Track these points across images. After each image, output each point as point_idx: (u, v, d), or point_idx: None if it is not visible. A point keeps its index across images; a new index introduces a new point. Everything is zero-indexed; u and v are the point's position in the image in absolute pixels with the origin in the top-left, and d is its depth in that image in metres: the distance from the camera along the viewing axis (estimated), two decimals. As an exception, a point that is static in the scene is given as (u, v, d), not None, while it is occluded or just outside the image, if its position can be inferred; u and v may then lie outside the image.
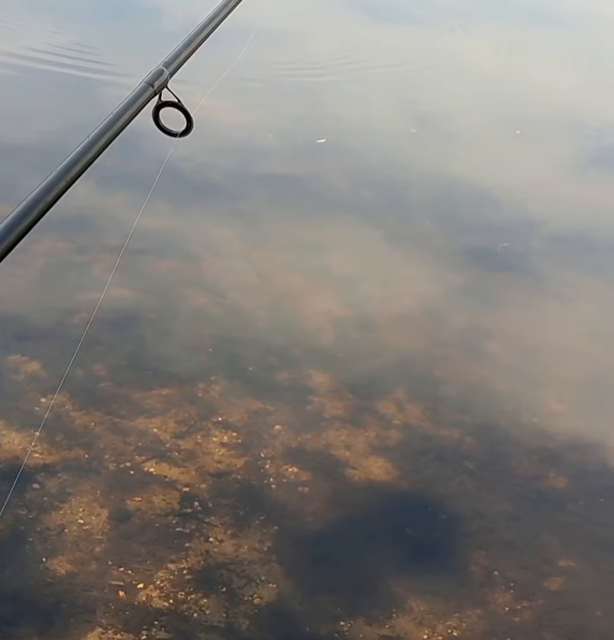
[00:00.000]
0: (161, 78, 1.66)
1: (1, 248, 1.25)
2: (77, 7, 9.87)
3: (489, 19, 10.87)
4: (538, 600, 3.32)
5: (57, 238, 5.28)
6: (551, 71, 9.34)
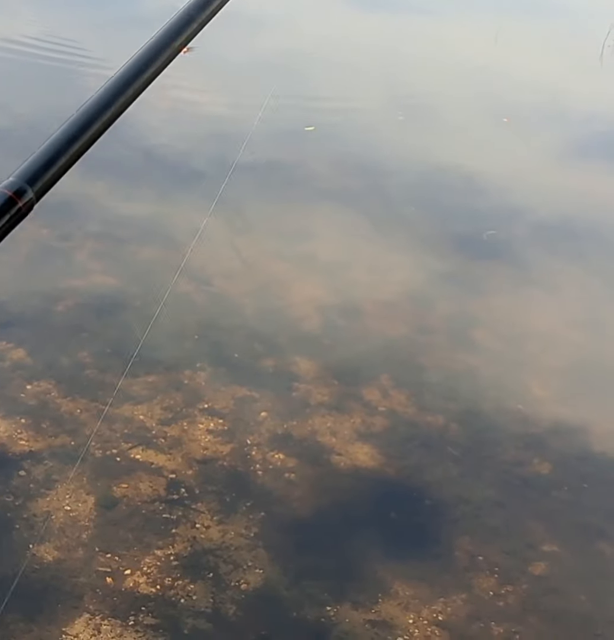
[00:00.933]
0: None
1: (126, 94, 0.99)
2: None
3: (473, 5, 10.86)
4: (522, 585, 3.36)
5: (41, 224, 5.26)
6: (537, 59, 9.36)
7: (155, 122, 6.78)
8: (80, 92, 7.11)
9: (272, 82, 7.60)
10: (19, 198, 0.88)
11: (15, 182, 0.88)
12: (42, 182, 0.89)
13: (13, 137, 6.23)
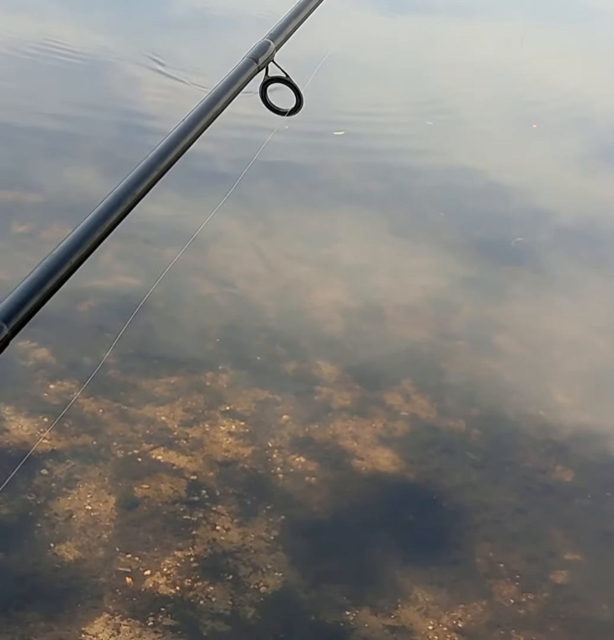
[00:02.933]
0: (266, 52, 1.51)
1: (93, 239, 1.15)
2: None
3: (498, 8, 10.81)
4: (544, 593, 3.33)
5: (66, 225, 5.29)
6: (564, 61, 9.30)
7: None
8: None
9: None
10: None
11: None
12: (17, 319, 1.01)
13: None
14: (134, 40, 8.61)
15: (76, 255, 1.14)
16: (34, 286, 1.07)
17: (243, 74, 1.46)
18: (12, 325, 1.01)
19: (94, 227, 1.18)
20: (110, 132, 6.73)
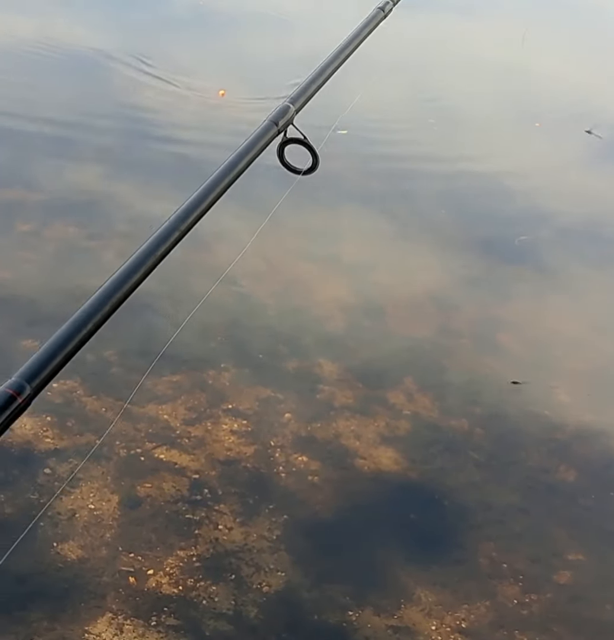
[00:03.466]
0: (286, 116, 1.60)
1: (115, 298, 1.20)
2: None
3: (500, 6, 10.79)
4: (547, 594, 3.33)
5: (68, 223, 5.29)
6: (567, 60, 9.28)
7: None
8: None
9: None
10: (19, 395, 1.03)
11: (16, 382, 1.03)
12: (39, 379, 1.06)
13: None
14: (134, 40, 8.61)
15: (96, 317, 1.19)
16: (55, 347, 1.12)
17: (263, 137, 1.53)
18: (35, 385, 1.05)
19: (115, 290, 1.22)
20: (110, 132, 6.72)
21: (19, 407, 1.03)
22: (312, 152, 1.63)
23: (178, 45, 8.56)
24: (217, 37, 8.93)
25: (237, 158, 1.48)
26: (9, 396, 1.02)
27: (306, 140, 1.60)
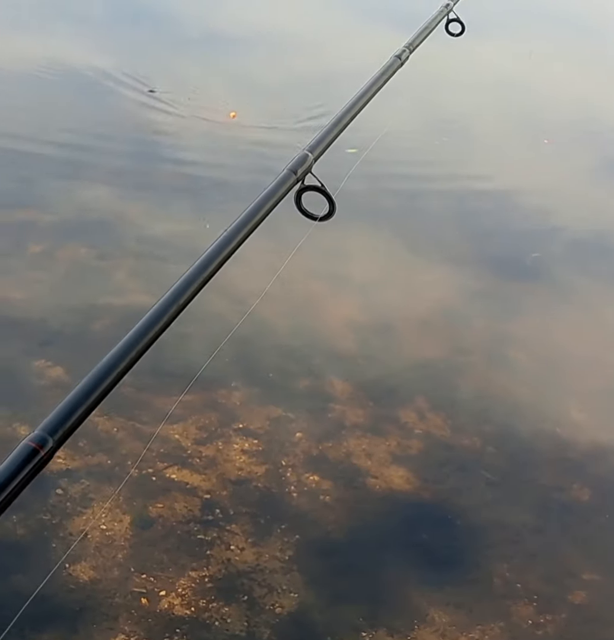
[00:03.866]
0: (305, 164, 1.64)
1: (136, 350, 1.24)
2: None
3: (505, 22, 10.83)
4: (562, 614, 3.30)
5: (81, 244, 5.32)
6: (572, 75, 9.30)
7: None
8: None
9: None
10: (42, 448, 1.06)
11: (38, 435, 1.07)
12: (62, 431, 1.09)
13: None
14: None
15: (118, 370, 1.22)
16: (77, 401, 1.15)
17: (282, 185, 1.58)
18: (57, 438, 1.09)
19: (136, 342, 1.26)
20: (123, 153, 6.76)
21: (41, 460, 1.06)
22: (329, 199, 1.68)
23: (189, 66, 8.62)
24: (227, 57, 8.99)
25: (257, 206, 1.53)
26: (32, 449, 1.05)
27: (323, 188, 1.65)
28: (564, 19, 11.21)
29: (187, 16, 10.08)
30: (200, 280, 1.38)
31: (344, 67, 8.65)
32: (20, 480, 1.03)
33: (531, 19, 10.99)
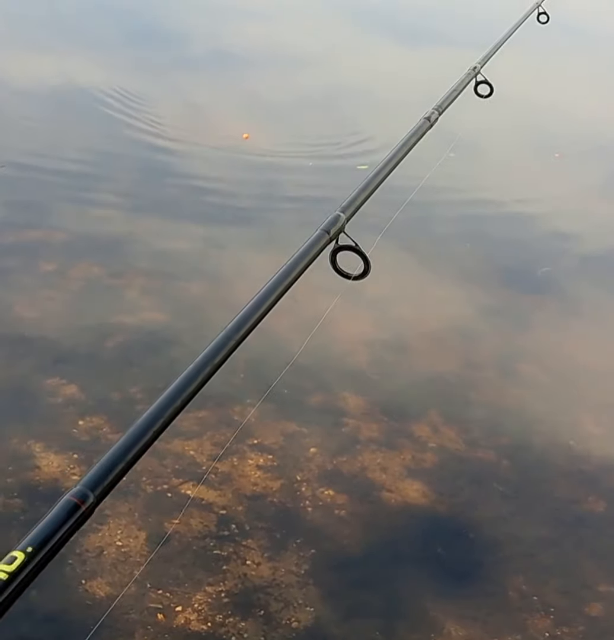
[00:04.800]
0: (337, 224, 1.69)
1: (173, 408, 1.26)
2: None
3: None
4: (578, 626, 3.28)
5: (92, 262, 5.36)
6: (582, 90, 9.32)
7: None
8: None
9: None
10: (83, 503, 1.09)
11: (80, 490, 1.10)
12: (102, 487, 1.12)
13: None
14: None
15: (157, 425, 1.24)
16: (118, 457, 1.18)
17: (316, 245, 1.63)
18: (98, 493, 1.11)
19: (175, 397, 1.28)
20: (130, 172, 6.81)
21: (83, 515, 1.09)
22: (363, 257, 1.73)
23: (201, 86, 8.69)
24: (236, 78, 9.06)
25: (291, 266, 1.57)
26: (74, 504, 1.08)
27: (357, 247, 1.70)
28: (573, 30, 11.25)
29: (199, 34, 10.18)
30: (237, 338, 1.42)
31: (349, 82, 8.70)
32: (63, 534, 1.07)
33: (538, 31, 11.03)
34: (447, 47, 9.99)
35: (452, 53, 10.10)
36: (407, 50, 10.32)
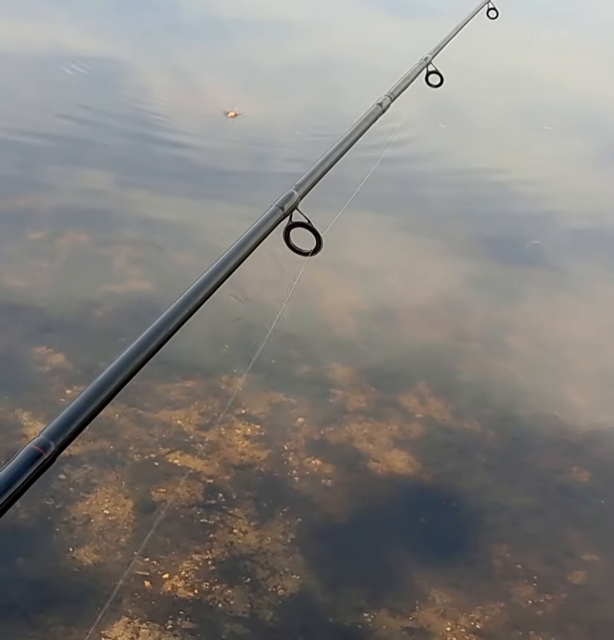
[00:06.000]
0: (290, 201, 1.73)
1: (139, 359, 1.32)
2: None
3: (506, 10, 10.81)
4: (561, 594, 3.33)
5: (80, 231, 5.33)
6: (574, 62, 9.29)
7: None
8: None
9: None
10: (45, 451, 1.14)
11: (42, 439, 1.16)
12: (63, 436, 1.18)
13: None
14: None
15: (118, 379, 1.31)
16: (80, 408, 1.24)
17: (270, 220, 1.68)
18: (59, 443, 1.18)
19: (135, 354, 1.36)
20: (119, 141, 6.76)
21: (44, 463, 1.14)
22: (316, 234, 1.78)
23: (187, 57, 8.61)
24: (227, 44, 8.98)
25: (245, 240, 1.62)
26: (36, 452, 1.14)
27: (309, 224, 1.74)
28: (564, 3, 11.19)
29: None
30: (188, 309, 1.49)
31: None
32: (24, 481, 1.12)
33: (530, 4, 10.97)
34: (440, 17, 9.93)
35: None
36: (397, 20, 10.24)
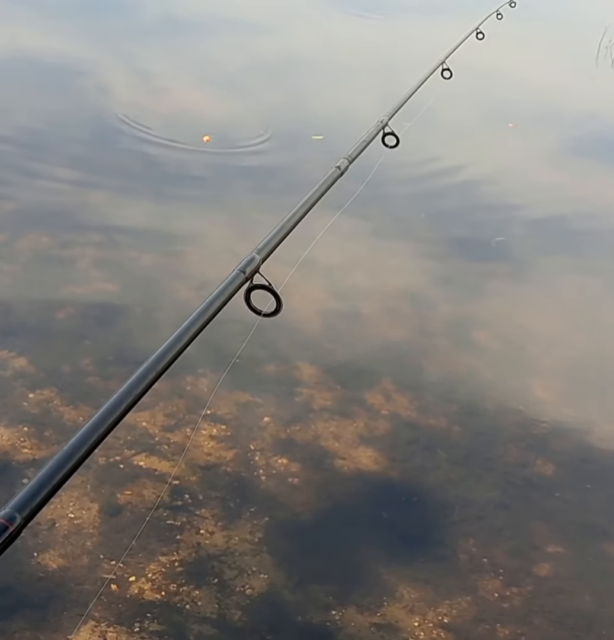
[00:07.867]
0: (252, 264, 1.78)
1: (103, 429, 1.33)
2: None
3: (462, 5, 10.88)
4: (527, 586, 3.36)
5: (41, 233, 5.27)
6: (534, 60, 9.38)
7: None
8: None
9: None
10: (11, 524, 1.16)
11: (8, 512, 1.17)
12: (29, 508, 1.20)
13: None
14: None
15: (83, 450, 1.32)
16: (45, 480, 1.26)
17: (232, 284, 1.73)
18: (26, 515, 1.19)
19: (99, 424, 1.36)
20: (80, 141, 6.71)
21: (10, 536, 1.16)
22: (276, 297, 1.81)
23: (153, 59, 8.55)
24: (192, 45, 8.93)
25: (208, 304, 1.65)
26: (1, 525, 1.16)
27: (270, 287, 1.80)
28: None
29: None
30: (155, 373, 1.48)
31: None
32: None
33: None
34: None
35: (419, 22, 10.10)
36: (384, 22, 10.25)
